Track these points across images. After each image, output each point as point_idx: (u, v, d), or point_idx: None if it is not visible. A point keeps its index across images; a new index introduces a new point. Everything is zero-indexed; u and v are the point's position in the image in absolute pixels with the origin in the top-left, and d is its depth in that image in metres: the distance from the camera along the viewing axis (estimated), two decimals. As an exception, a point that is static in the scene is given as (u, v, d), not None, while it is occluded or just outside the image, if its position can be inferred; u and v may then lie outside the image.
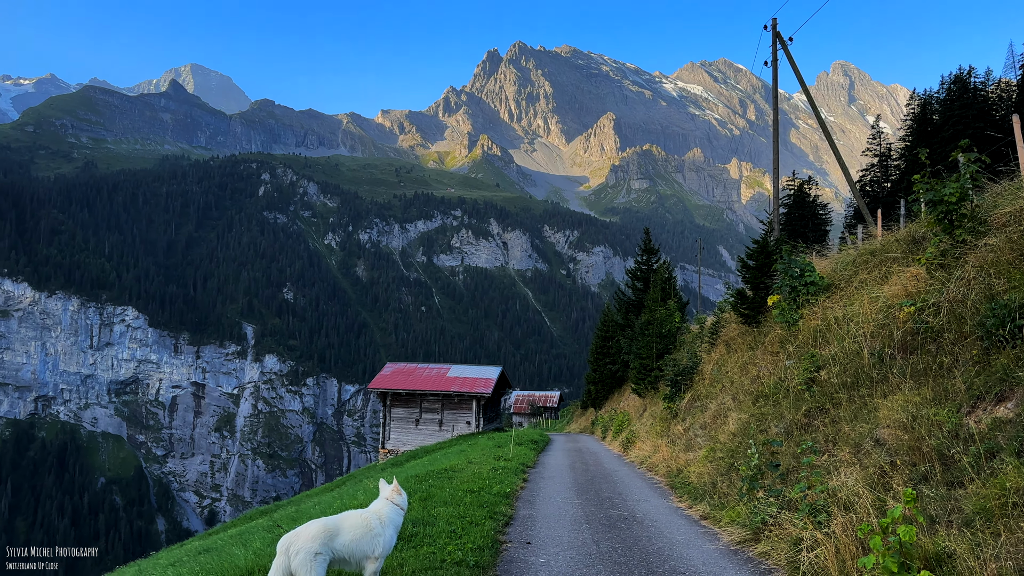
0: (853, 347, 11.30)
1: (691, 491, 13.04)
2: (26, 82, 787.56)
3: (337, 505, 11.60)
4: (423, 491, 12.24)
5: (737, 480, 11.52)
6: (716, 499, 11.66)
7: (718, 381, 19.13)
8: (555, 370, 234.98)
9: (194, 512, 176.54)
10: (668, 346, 32.18)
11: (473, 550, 8.20)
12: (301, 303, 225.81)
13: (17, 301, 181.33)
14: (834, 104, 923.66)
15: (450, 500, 11.44)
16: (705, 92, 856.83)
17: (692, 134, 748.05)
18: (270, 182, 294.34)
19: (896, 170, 35.21)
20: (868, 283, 13.15)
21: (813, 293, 15.05)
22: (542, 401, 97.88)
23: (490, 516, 10.44)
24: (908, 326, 9.79)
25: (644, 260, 50.63)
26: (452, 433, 49.00)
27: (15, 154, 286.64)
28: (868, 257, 14.57)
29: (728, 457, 12.87)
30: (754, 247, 21.27)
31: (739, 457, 12.20)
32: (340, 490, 29.16)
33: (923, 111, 32.13)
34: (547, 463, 20.70)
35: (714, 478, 12.61)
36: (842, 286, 14.67)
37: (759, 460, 10.53)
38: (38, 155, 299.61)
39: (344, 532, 6.00)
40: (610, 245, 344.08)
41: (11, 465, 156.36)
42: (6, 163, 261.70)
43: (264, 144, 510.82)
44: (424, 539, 8.58)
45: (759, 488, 10.16)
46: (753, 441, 11.16)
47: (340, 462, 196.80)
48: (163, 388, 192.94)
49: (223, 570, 6.90)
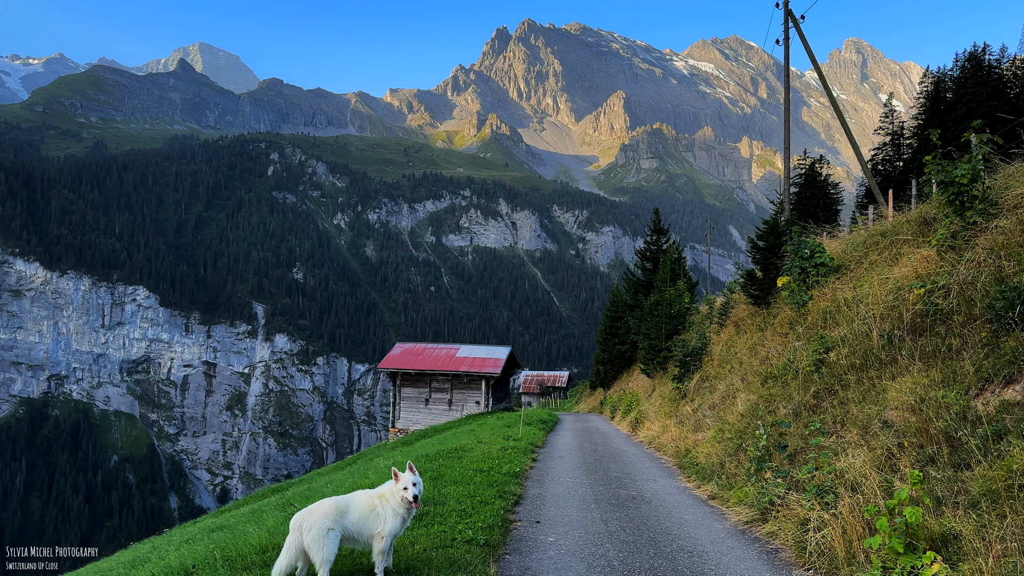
0: (862, 328, 11.30)
1: (699, 471, 13.14)
2: (35, 62, 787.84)
3: (349, 483, 11.77)
4: (433, 470, 12.38)
5: (745, 461, 11.60)
6: (724, 479, 11.75)
7: (727, 362, 19.17)
8: (564, 350, 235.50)
9: (206, 490, 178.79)
10: (677, 326, 32.19)
11: (483, 529, 8.32)
12: (311, 283, 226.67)
13: (29, 281, 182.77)
14: (846, 82, 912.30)
15: (460, 479, 11.57)
16: (716, 70, 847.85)
17: (703, 112, 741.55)
18: (279, 162, 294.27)
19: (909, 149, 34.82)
20: (878, 264, 13.10)
21: (823, 274, 15.02)
22: (551, 381, 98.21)
23: (500, 495, 10.57)
24: (918, 308, 9.78)
25: (653, 240, 50.52)
26: (462, 412, 49.35)
27: (25, 134, 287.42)
28: (879, 238, 14.50)
29: (736, 438, 12.94)
30: (764, 228, 21.18)
31: (747, 438, 12.27)
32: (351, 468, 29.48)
33: (936, 89, 31.66)
34: (556, 443, 20.86)
35: (722, 458, 12.69)
36: (852, 267, 14.63)
37: (767, 441, 10.60)
38: (48, 135, 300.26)
39: (353, 510, 6.15)
40: (619, 225, 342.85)
41: (25, 443, 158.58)
42: (16, 143, 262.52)
43: (273, 124, 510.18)
44: (435, 518, 8.71)
45: (767, 469, 10.23)
46: (761, 422, 11.23)
47: (350, 441, 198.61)
48: (174, 367, 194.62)
49: (237, 547, 7.03)
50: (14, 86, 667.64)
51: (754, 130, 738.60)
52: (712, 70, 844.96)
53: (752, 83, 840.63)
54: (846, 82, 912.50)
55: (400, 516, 6.32)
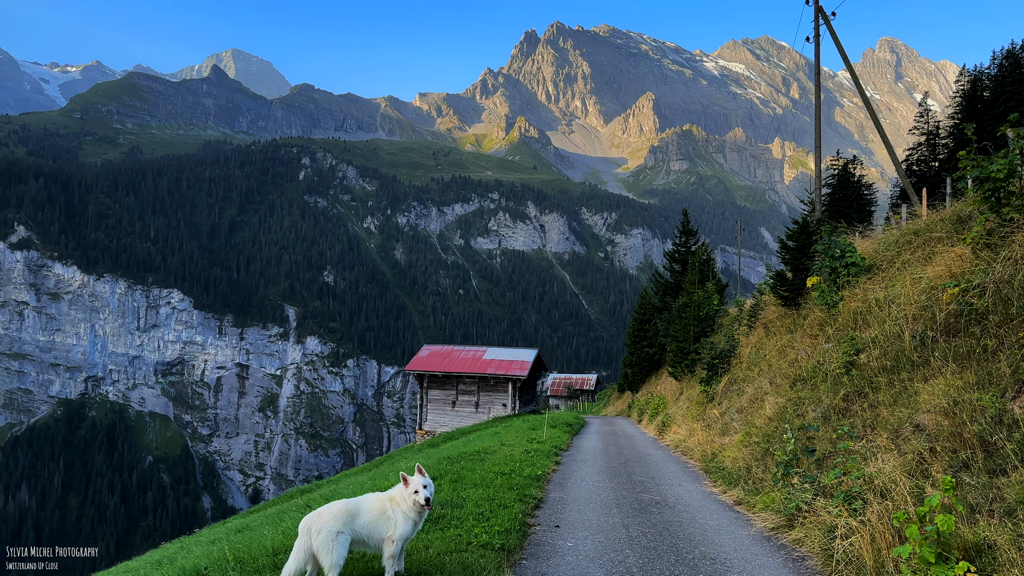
0: (894, 330, 10.96)
1: (725, 476, 12.86)
2: (73, 69, 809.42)
3: (368, 486, 11.73)
4: (454, 473, 12.28)
5: (772, 465, 11.31)
6: (750, 484, 11.47)
7: (756, 364, 18.80)
8: (592, 353, 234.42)
9: (239, 490, 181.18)
10: (705, 329, 31.77)
11: (500, 532, 8.17)
12: (341, 286, 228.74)
13: (67, 284, 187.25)
14: (880, 82, 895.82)
15: (480, 482, 11.45)
16: (747, 70, 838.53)
17: (734, 113, 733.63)
18: (310, 166, 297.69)
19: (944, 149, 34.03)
20: (911, 264, 12.74)
21: (854, 274, 14.65)
22: (579, 384, 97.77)
23: (520, 499, 10.42)
24: (952, 308, 9.44)
25: (682, 242, 49.97)
26: (488, 415, 49.28)
27: (63, 140, 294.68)
28: (911, 237, 14.12)
29: (764, 442, 12.64)
30: (794, 228, 20.79)
31: (775, 442, 11.97)
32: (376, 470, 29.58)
33: (973, 87, 30.87)
34: (581, 446, 20.65)
35: (749, 463, 12.39)
36: (884, 267, 14.26)
37: (795, 445, 10.31)
38: (85, 141, 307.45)
39: (363, 513, 6.04)
40: (649, 227, 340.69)
41: (63, 443, 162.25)
42: (55, 149, 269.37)
43: (304, 128, 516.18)
44: (452, 521, 8.59)
45: (794, 474, 9.95)
46: (789, 426, 10.93)
47: (380, 442, 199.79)
48: (208, 369, 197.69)
49: (251, 550, 7.00)
50: (53, 93, 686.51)
51: (786, 131, 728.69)
52: (743, 71, 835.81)
53: (784, 83, 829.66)
54: (880, 82, 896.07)
55: (411, 520, 6.20)
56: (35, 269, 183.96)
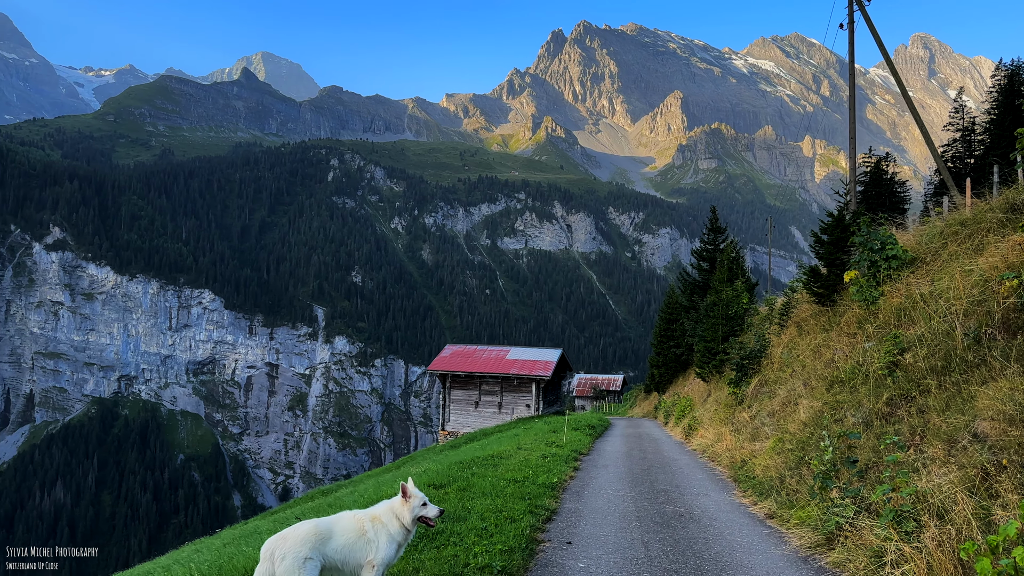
0: (943, 327, 9.96)
1: (756, 486, 11.89)
2: (107, 73, 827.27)
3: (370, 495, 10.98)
4: (463, 480, 11.48)
5: (808, 476, 10.34)
6: (784, 496, 10.49)
7: (788, 365, 17.75)
8: (619, 353, 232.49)
9: (268, 488, 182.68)
10: (734, 328, 30.70)
11: (503, 552, 7.30)
12: (369, 286, 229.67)
13: (101, 284, 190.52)
14: (913, 79, 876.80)
15: (490, 491, 10.63)
16: (777, 68, 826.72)
17: (763, 111, 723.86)
18: (338, 167, 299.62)
19: (980, 145, 32.75)
20: (959, 256, 11.71)
21: (895, 268, 13.59)
22: (605, 384, 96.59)
23: (530, 510, 9.58)
24: (1010, 302, 8.44)
25: (710, 240, 48.79)
26: (512, 416, 48.50)
27: (97, 143, 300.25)
28: (957, 228, 13.07)
29: (798, 449, 11.64)
30: (828, 221, 19.71)
31: (811, 450, 10.99)
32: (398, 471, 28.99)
33: (1010, 83, 29.59)
34: (602, 450, 19.75)
35: (782, 472, 11.41)
36: (928, 260, 13.22)
37: (833, 454, 9.34)
38: (119, 143, 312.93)
39: (337, 535, 5.22)
40: (676, 227, 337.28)
41: (97, 441, 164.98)
42: (89, 152, 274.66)
43: (333, 130, 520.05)
44: (451, 537, 7.75)
45: (833, 486, 8.99)
46: (827, 432, 9.95)
47: (407, 442, 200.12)
48: (239, 368, 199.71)
49: (222, 570, 6.27)
50: (87, 97, 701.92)
51: (817, 129, 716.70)
52: (772, 68, 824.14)
53: (814, 81, 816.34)
54: (913, 79, 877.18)
55: (396, 542, 5.42)
56: (70, 270, 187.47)
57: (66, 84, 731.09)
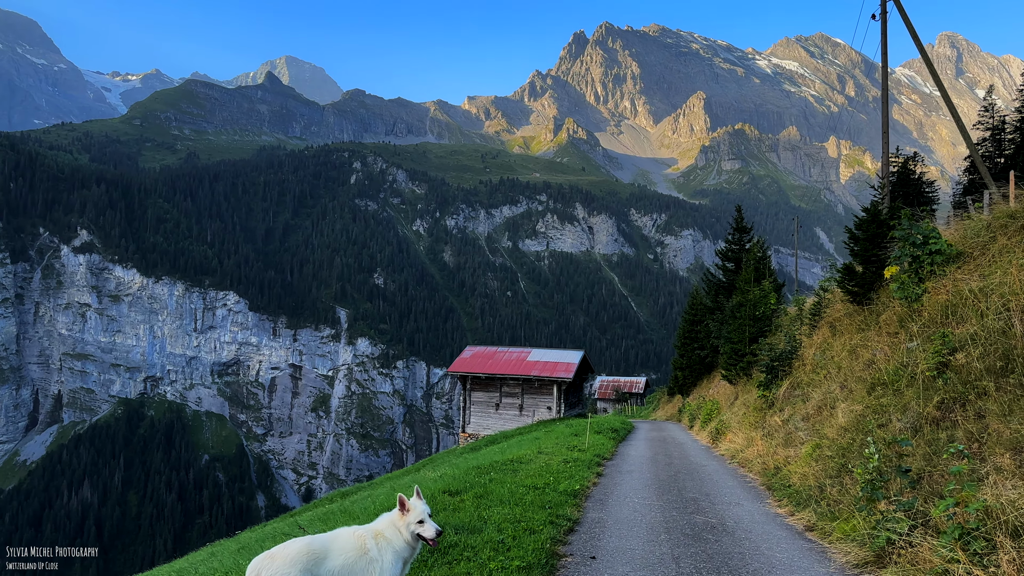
0: (997, 324, 9.18)
1: (792, 495, 11.13)
2: (133, 78, 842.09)
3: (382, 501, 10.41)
4: (480, 486, 10.85)
5: (851, 485, 9.58)
6: (824, 507, 9.74)
7: (822, 367, 16.92)
8: (641, 356, 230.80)
9: (292, 489, 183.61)
10: (762, 329, 29.81)
11: (521, 568, 6.64)
12: (391, 288, 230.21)
13: (127, 286, 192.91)
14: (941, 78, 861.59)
15: (508, 499, 9.99)
16: (801, 68, 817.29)
17: (787, 112, 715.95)
18: (361, 170, 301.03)
19: (1011, 144, 31.83)
20: (1011, 249, 10.87)
21: (940, 263, 12.76)
22: (627, 387, 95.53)
23: (551, 520, 8.93)
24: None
25: (736, 239, 47.74)
26: (533, 418, 47.83)
27: (124, 147, 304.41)
28: (1006, 221, 12.23)
29: (838, 456, 10.86)
30: (864, 216, 18.86)
31: (853, 457, 10.22)
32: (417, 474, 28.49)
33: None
34: (627, 454, 19.03)
35: (821, 481, 10.64)
36: (975, 255, 12.37)
37: (880, 462, 8.59)
38: (145, 147, 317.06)
39: (333, 555, 4.61)
40: (699, 228, 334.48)
41: (124, 441, 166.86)
42: (116, 156, 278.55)
43: (355, 133, 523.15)
44: (464, 551, 7.10)
45: (881, 497, 8.24)
46: (872, 438, 9.19)
47: (429, 443, 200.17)
48: (263, 369, 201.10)
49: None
50: (114, 101, 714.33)
51: (842, 129, 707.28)
52: (797, 68, 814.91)
53: (839, 81, 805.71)
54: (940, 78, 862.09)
55: (403, 558, 4.81)
56: (97, 272, 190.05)
57: (94, 89, 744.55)
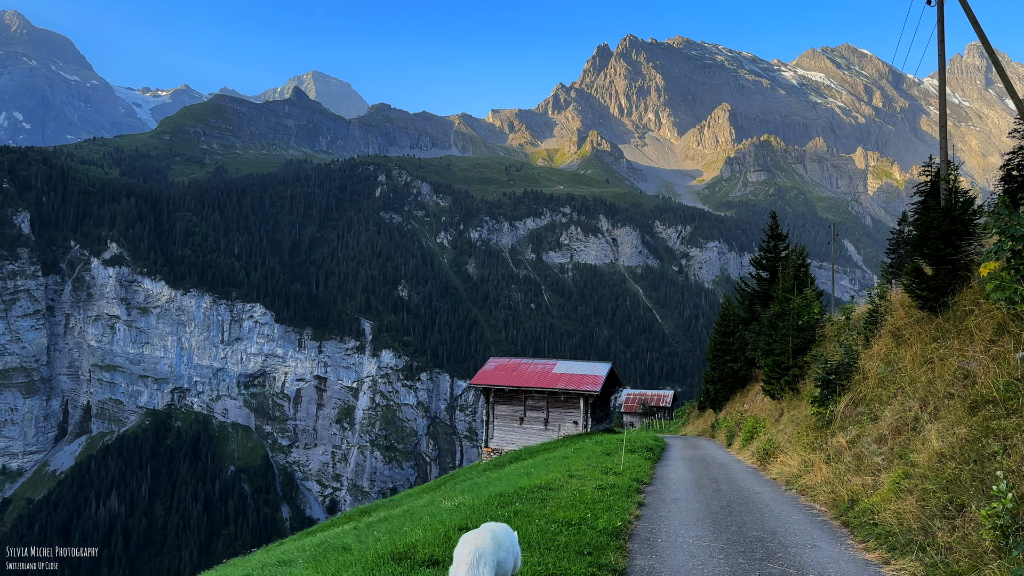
0: None
1: (882, 536, 9.20)
2: (163, 93, 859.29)
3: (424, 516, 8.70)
4: (504, 521, 9.10)
5: (969, 527, 7.67)
6: (933, 555, 7.82)
7: (891, 381, 14.92)
8: (667, 368, 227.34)
9: (316, 501, 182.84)
10: (807, 340, 27.75)
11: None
12: (415, 300, 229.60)
13: (156, 299, 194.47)
14: (969, 88, 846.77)
15: (538, 539, 8.20)
16: (827, 79, 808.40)
17: (814, 123, 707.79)
18: (386, 183, 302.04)
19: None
20: None
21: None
22: (655, 400, 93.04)
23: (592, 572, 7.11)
24: None
25: (771, 247, 45.63)
26: (558, 433, 45.89)
27: (154, 161, 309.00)
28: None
29: (942, 490, 8.90)
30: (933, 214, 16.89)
31: (964, 491, 8.30)
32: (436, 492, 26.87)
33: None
34: (666, 478, 17.11)
35: (923, 520, 8.70)
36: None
37: (1013, 502, 6.71)
38: (174, 161, 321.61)
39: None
40: (725, 240, 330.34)
41: (151, 452, 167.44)
42: (146, 170, 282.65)
43: (380, 147, 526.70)
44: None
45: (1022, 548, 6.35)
46: (1001, 470, 7.30)
47: (453, 456, 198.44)
48: (288, 381, 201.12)
49: None
50: (144, 116, 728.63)
51: (869, 140, 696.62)
52: (823, 79, 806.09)
53: (866, 92, 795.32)
54: (969, 88, 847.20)
55: None
56: (126, 284, 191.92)
57: (124, 104, 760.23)
